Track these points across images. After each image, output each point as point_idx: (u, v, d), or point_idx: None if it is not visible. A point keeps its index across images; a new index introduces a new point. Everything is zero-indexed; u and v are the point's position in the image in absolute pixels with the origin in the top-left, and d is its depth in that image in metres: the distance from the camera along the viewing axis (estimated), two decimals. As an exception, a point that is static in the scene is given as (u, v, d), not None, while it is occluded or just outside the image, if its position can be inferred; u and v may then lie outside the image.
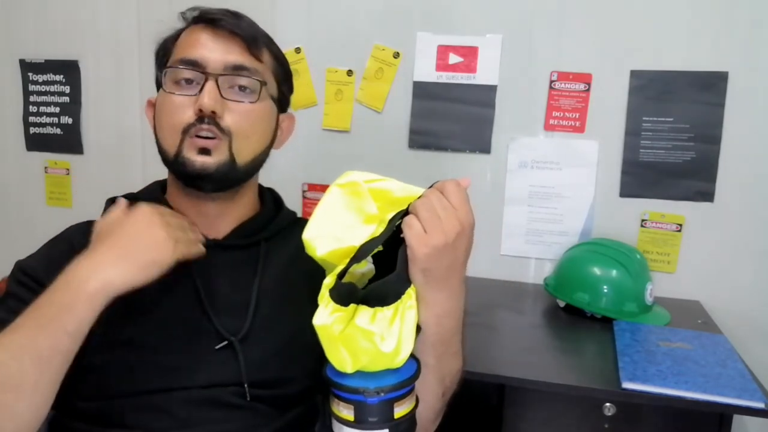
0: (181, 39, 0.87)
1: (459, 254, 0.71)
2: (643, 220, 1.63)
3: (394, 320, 0.67)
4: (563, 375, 1.15)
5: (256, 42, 0.85)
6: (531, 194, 1.69)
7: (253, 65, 0.84)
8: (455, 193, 0.70)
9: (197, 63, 0.82)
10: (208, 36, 0.84)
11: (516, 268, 1.72)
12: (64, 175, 2.00)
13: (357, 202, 0.71)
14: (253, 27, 0.87)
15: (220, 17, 0.84)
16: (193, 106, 0.81)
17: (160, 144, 0.86)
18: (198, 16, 0.86)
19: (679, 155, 1.59)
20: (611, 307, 1.42)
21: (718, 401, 1.04)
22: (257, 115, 0.86)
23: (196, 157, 0.81)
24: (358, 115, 1.76)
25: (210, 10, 0.86)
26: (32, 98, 1.99)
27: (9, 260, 0.85)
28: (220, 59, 0.82)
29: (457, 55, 1.68)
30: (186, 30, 0.88)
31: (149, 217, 0.76)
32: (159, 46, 0.90)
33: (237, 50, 0.84)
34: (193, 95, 0.82)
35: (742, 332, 1.51)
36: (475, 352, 1.24)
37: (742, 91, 1.54)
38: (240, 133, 0.83)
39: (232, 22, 0.84)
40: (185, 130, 0.82)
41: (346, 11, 1.73)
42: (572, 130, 1.64)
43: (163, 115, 0.85)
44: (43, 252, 0.86)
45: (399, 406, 0.68)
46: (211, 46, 0.83)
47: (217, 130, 0.81)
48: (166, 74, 0.84)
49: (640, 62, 1.58)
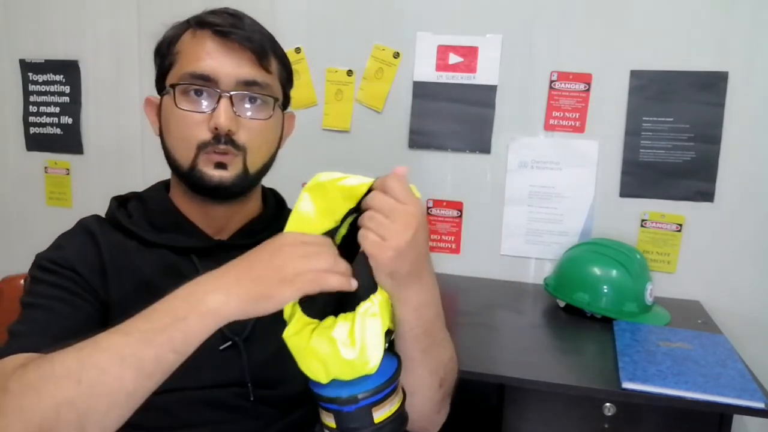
0: (187, 46, 0.84)
1: (420, 247, 0.70)
2: (643, 220, 1.63)
3: (353, 328, 0.67)
4: (563, 375, 1.15)
5: (265, 53, 0.84)
6: (531, 194, 1.69)
7: (265, 79, 0.84)
8: (398, 188, 0.69)
9: (209, 78, 0.81)
10: (215, 46, 0.82)
11: (516, 268, 1.72)
12: (64, 175, 2.00)
13: (326, 203, 0.72)
14: (260, 33, 0.85)
15: (229, 29, 0.81)
16: (208, 124, 0.80)
17: (170, 153, 0.85)
18: (203, 23, 0.84)
19: (679, 155, 1.59)
20: (611, 307, 1.42)
21: (718, 401, 1.04)
22: (270, 129, 0.86)
23: (213, 172, 0.81)
24: (358, 115, 1.76)
25: (215, 19, 0.83)
26: (32, 98, 1.99)
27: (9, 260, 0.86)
28: (232, 74, 0.81)
29: (457, 55, 1.68)
30: (189, 33, 0.85)
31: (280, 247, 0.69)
32: (158, 46, 0.88)
33: (247, 63, 0.82)
34: (207, 113, 0.81)
35: (742, 332, 1.51)
36: (475, 352, 1.24)
37: (742, 91, 1.54)
38: (254, 147, 0.83)
39: (241, 34, 0.82)
40: (200, 146, 0.81)
41: (346, 11, 1.73)
42: (572, 130, 1.64)
43: (174, 129, 0.84)
44: (63, 242, 0.85)
45: (378, 410, 0.68)
46: (221, 60, 0.81)
47: (233, 147, 0.81)
48: (177, 88, 0.82)
49: (640, 62, 1.59)
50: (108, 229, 0.86)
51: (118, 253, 0.83)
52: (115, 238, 0.85)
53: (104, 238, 0.84)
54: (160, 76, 0.88)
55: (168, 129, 0.85)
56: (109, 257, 0.82)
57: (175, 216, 0.88)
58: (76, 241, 0.84)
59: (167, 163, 0.87)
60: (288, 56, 0.92)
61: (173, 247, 0.86)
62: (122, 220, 0.86)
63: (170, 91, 0.83)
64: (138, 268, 0.83)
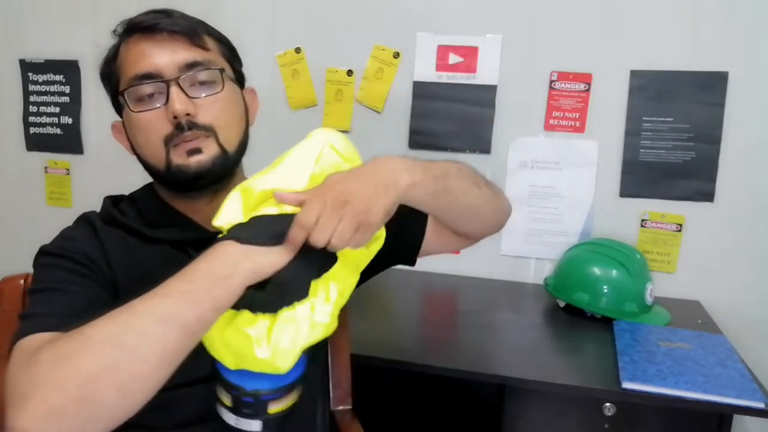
0: (123, 56, 0.86)
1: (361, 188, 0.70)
2: (643, 220, 1.63)
3: (271, 329, 0.66)
4: (563, 375, 1.15)
5: (196, 33, 0.85)
6: (531, 194, 1.69)
7: (204, 57, 0.84)
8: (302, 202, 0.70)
9: (152, 74, 0.82)
10: (148, 44, 0.83)
11: (516, 268, 1.72)
12: (64, 175, 2.00)
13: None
14: (186, 18, 0.87)
15: (154, 21, 0.83)
16: (167, 116, 0.81)
17: (145, 161, 0.86)
18: (129, 27, 0.85)
19: (679, 155, 1.59)
20: (611, 307, 1.42)
21: (718, 401, 1.04)
22: (228, 102, 0.86)
23: (189, 160, 0.81)
24: (358, 115, 1.76)
25: (140, 18, 0.85)
26: (32, 98, 1.99)
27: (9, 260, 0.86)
28: (171, 62, 0.82)
29: (457, 55, 1.68)
30: (123, 45, 0.86)
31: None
32: (102, 70, 0.90)
33: (182, 47, 0.83)
34: (162, 106, 0.82)
35: (742, 332, 1.51)
36: (475, 352, 1.24)
37: (742, 91, 1.54)
38: (222, 125, 0.84)
39: (167, 21, 0.83)
40: (167, 142, 0.82)
41: (346, 11, 1.73)
42: (572, 130, 1.65)
43: (139, 135, 0.84)
44: (69, 233, 0.85)
45: (275, 404, 0.70)
46: (157, 53, 0.82)
47: (200, 130, 0.82)
48: (127, 95, 0.83)
49: (640, 62, 1.59)
50: (106, 226, 0.86)
51: (120, 247, 0.83)
52: (115, 233, 0.85)
53: (105, 233, 0.84)
54: (113, 96, 0.89)
55: (135, 139, 0.86)
56: (113, 252, 0.83)
57: (167, 212, 0.89)
58: (82, 232, 0.84)
59: (149, 174, 0.88)
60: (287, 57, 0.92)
61: (171, 241, 0.86)
62: (118, 217, 0.87)
63: (123, 101, 0.84)
64: (140, 261, 0.83)
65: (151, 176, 0.88)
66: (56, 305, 0.73)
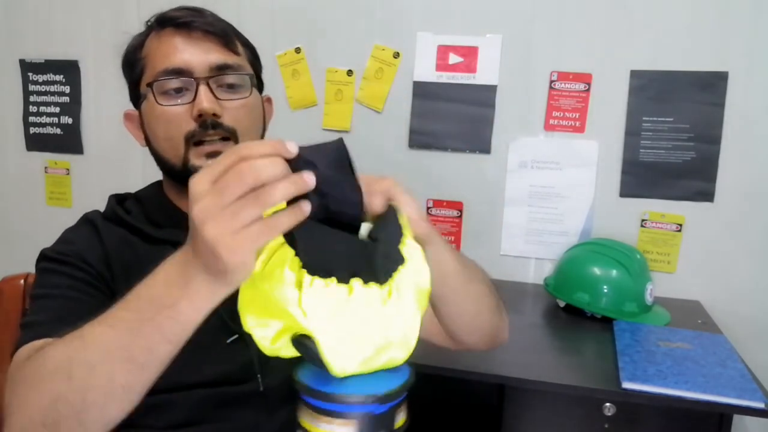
0: (152, 47, 0.85)
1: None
2: (643, 220, 1.63)
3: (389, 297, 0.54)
4: (563, 375, 1.15)
5: (229, 37, 0.86)
6: (531, 194, 1.69)
7: (235, 61, 0.85)
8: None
9: (182, 70, 0.82)
10: (182, 40, 0.83)
11: (516, 268, 1.72)
12: (64, 175, 2.00)
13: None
14: (220, 21, 0.87)
15: (190, 19, 0.83)
16: (191, 113, 0.81)
17: (161, 155, 0.86)
18: (163, 20, 0.85)
19: (679, 155, 1.59)
20: (611, 307, 1.42)
21: (718, 401, 1.04)
22: (252, 107, 0.87)
23: (207, 163, 0.81)
24: (358, 115, 1.76)
25: (175, 14, 0.85)
26: (32, 98, 1.99)
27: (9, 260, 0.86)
28: (204, 61, 0.82)
29: (457, 55, 1.68)
30: (153, 37, 0.86)
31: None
32: (125, 57, 0.89)
33: (215, 49, 0.84)
34: (188, 103, 0.82)
35: (742, 332, 1.51)
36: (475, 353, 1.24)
37: (742, 91, 1.54)
38: (243, 129, 0.84)
39: (202, 22, 0.83)
40: (188, 138, 0.82)
41: (346, 11, 1.73)
42: (572, 130, 1.65)
43: (159, 127, 0.84)
44: (69, 235, 0.85)
45: (399, 413, 0.57)
46: (191, 50, 0.82)
47: (222, 131, 0.82)
48: (153, 87, 0.83)
49: (640, 62, 1.59)
50: (109, 225, 0.86)
51: (122, 247, 0.83)
52: (118, 232, 0.85)
53: (107, 232, 0.84)
54: (133, 85, 0.89)
55: (153, 132, 0.85)
56: (114, 251, 0.83)
57: (173, 212, 0.88)
58: (82, 234, 0.84)
59: (159, 168, 0.88)
60: (287, 57, 0.92)
61: (174, 243, 0.85)
62: (122, 216, 0.87)
63: (148, 93, 0.83)
64: (142, 263, 0.82)
65: (162, 170, 0.88)
66: (50, 312, 0.74)
